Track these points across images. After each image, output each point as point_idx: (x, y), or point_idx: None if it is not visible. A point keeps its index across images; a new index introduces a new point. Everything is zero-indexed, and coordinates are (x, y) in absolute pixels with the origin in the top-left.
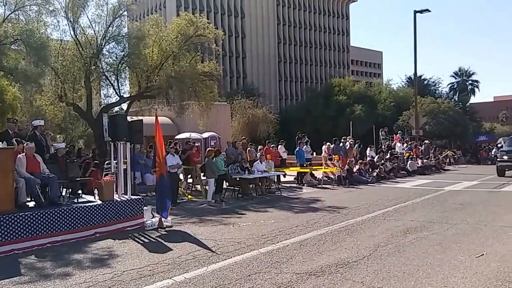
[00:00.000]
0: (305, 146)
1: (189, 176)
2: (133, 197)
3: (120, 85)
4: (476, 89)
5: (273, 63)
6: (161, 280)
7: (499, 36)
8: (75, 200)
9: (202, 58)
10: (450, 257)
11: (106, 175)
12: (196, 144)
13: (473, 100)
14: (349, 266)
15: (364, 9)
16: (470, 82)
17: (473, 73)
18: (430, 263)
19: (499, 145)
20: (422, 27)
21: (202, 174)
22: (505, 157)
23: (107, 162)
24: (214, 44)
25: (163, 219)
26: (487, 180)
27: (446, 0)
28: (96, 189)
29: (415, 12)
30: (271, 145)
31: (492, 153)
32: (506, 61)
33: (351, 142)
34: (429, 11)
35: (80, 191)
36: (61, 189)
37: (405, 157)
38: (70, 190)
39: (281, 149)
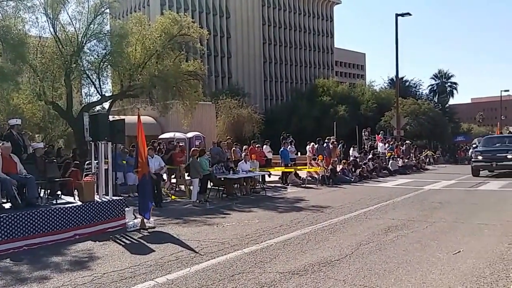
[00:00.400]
0: (289, 146)
1: (173, 176)
2: (114, 198)
3: (101, 84)
4: (454, 91)
5: (258, 63)
6: (143, 282)
7: (477, 40)
8: (54, 201)
9: (186, 57)
10: (429, 255)
11: (86, 175)
12: (181, 144)
13: (451, 101)
14: (332, 264)
15: (348, 11)
16: (449, 84)
17: (452, 76)
18: (409, 260)
19: (474, 146)
20: (404, 30)
21: (186, 174)
22: (480, 157)
23: (87, 162)
24: (199, 44)
25: (145, 220)
26: (464, 179)
27: (428, 5)
28: (76, 190)
29: (397, 15)
30: (256, 145)
31: (469, 153)
32: (483, 64)
33: (335, 142)
34: (410, 14)
35: (59, 192)
36: (39, 190)
37: (387, 157)
38: (48, 191)
39: (266, 149)
